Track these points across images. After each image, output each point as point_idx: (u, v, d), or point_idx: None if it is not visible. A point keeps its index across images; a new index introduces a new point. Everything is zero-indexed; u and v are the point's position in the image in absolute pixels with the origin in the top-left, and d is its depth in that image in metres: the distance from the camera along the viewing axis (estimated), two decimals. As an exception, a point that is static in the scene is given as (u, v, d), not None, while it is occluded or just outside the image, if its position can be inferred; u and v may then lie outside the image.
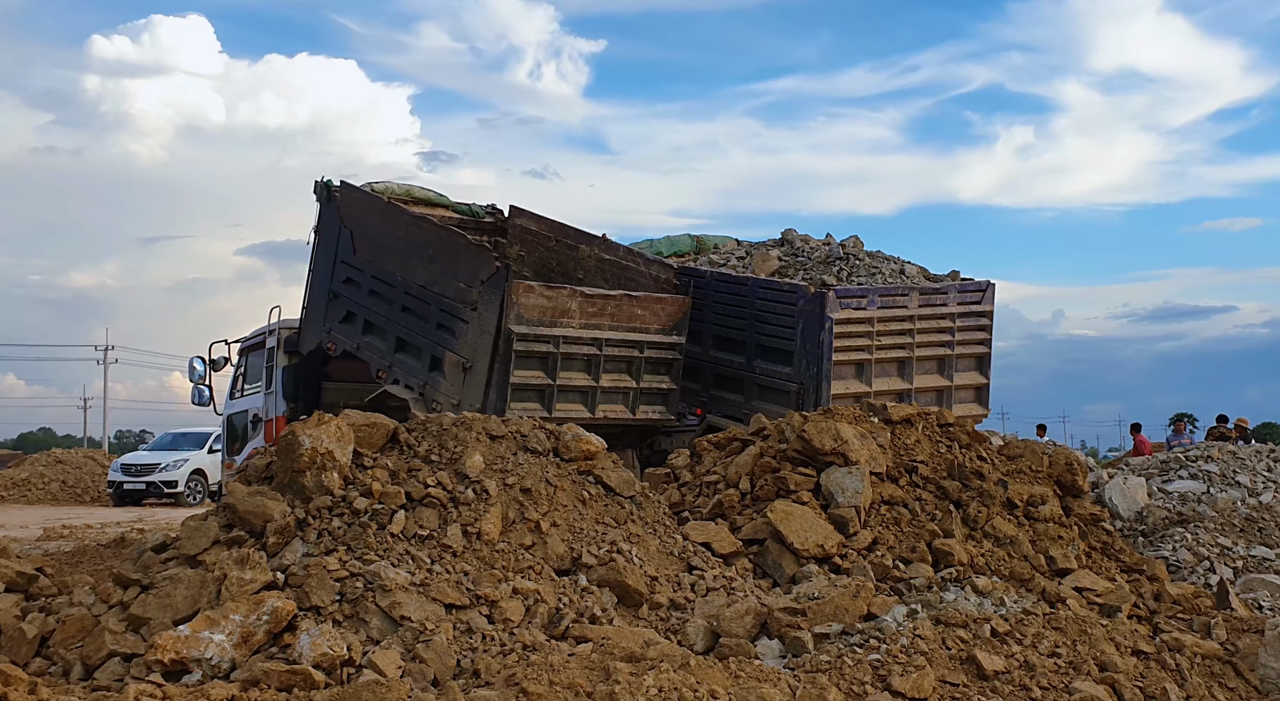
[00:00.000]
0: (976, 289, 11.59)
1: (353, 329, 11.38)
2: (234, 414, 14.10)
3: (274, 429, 12.15)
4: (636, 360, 10.48)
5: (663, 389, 10.77)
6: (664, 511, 6.98)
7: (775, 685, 4.79)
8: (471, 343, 9.98)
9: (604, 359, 10.26)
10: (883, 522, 7.03)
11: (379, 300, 11.12)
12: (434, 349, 10.37)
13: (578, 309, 10.05)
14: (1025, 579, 6.73)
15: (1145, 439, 21.00)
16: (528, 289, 9.81)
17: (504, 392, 9.66)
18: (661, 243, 13.49)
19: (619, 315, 10.30)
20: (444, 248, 10.49)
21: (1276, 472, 10.51)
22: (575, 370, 10.15)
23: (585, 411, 10.15)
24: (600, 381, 10.25)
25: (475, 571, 5.74)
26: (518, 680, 4.54)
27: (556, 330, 9.94)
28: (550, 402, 9.98)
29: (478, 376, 9.83)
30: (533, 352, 9.86)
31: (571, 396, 10.19)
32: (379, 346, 11.02)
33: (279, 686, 4.59)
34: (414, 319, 10.68)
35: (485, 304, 9.85)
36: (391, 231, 11.04)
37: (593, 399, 10.27)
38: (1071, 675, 5.23)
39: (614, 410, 10.41)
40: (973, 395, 11.57)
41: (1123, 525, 9.81)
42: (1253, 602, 7.87)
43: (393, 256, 10.95)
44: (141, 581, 5.59)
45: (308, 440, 6.05)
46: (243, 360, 14.01)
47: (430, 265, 10.52)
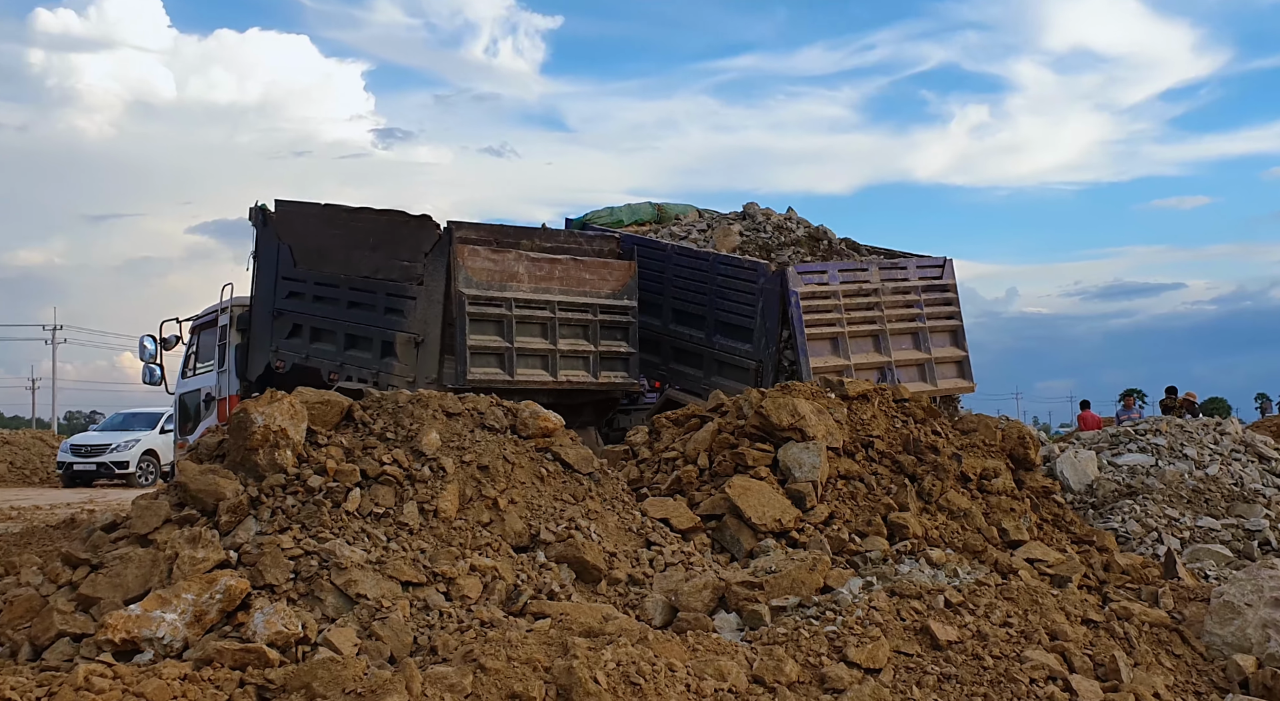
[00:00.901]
0: (935, 264, 11.69)
1: (300, 341, 11.36)
2: (186, 393, 13.97)
3: (228, 407, 12.08)
4: (591, 324, 10.57)
5: (622, 353, 10.88)
6: (622, 488, 6.98)
7: (733, 657, 4.82)
8: (421, 316, 10.00)
9: (559, 322, 10.31)
10: (839, 497, 7.09)
11: (324, 304, 11.13)
12: (383, 334, 10.38)
13: (526, 272, 10.15)
14: (978, 551, 6.82)
15: (1092, 415, 21.32)
16: (473, 252, 9.84)
17: (464, 357, 9.65)
18: (622, 210, 13.45)
19: (568, 279, 10.43)
20: (385, 231, 10.50)
21: (1223, 446, 10.73)
22: (532, 334, 10.19)
23: (547, 375, 10.20)
24: (559, 345, 10.27)
25: (432, 549, 5.71)
26: (475, 656, 4.53)
27: (508, 292, 10.00)
28: (511, 367, 10.01)
29: (430, 347, 9.87)
30: (486, 316, 9.89)
31: (531, 361, 10.21)
32: (328, 350, 11.01)
33: (233, 665, 4.55)
34: (361, 311, 10.69)
35: (431, 274, 9.89)
36: (331, 233, 11.06)
37: (553, 363, 10.31)
38: (1023, 644, 5.31)
39: (576, 375, 10.47)
40: (955, 369, 11.64)
41: (1073, 497, 9.97)
42: (1199, 572, 8.04)
43: (335, 257, 10.97)
44: (91, 561, 5.50)
45: (260, 418, 5.97)
46: (195, 339, 13.87)
47: (373, 253, 10.54)
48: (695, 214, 13.70)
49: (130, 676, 4.31)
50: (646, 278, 11.79)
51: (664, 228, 13.17)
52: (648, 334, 11.78)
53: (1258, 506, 9.61)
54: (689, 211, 13.81)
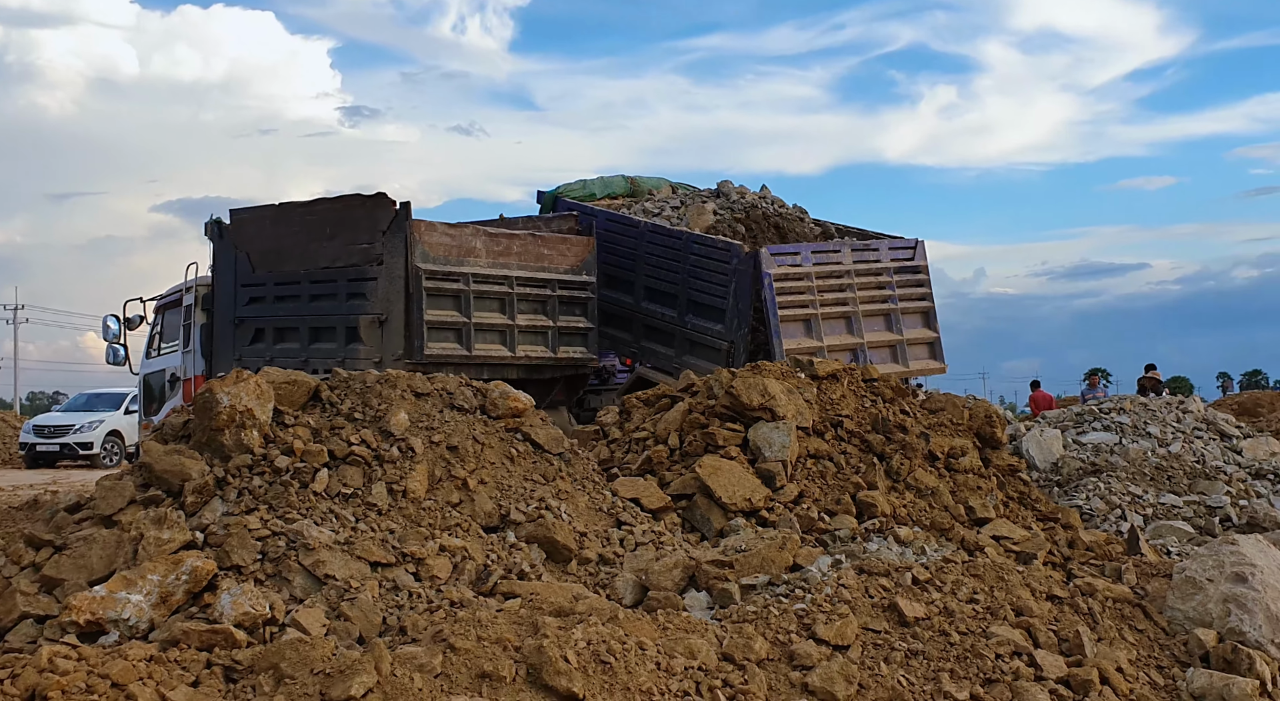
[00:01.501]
0: (907, 245, 11.74)
1: (263, 345, 11.33)
2: (151, 373, 13.85)
3: (193, 388, 12.04)
4: (550, 299, 10.71)
5: (581, 328, 11.01)
6: (593, 468, 6.98)
7: (703, 636, 4.84)
8: (383, 295, 10.05)
9: (517, 297, 10.43)
10: (809, 476, 7.12)
11: (286, 302, 11.13)
12: (347, 321, 10.45)
13: (483, 247, 10.29)
14: (945, 528, 6.89)
15: (1044, 394, 21.25)
16: (429, 227, 9.96)
17: (420, 332, 9.76)
18: (595, 183, 13.41)
19: (526, 254, 10.58)
20: (341, 217, 10.57)
21: (1185, 424, 10.88)
22: (490, 309, 10.33)
23: (505, 350, 10.35)
24: (517, 320, 10.42)
25: (401, 529, 5.69)
26: (445, 636, 4.52)
27: (465, 268, 10.12)
28: (469, 342, 10.14)
29: (395, 325, 9.92)
30: (444, 291, 10.03)
31: (490, 336, 10.35)
32: (292, 348, 11.02)
33: (200, 646, 4.51)
34: (324, 302, 10.72)
35: (390, 251, 9.97)
36: (288, 231, 11.10)
37: (511, 338, 10.46)
38: (989, 620, 5.37)
39: (534, 350, 10.60)
40: (926, 351, 11.72)
41: (1039, 475, 10.09)
42: (1161, 548, 8.17)
43: (293, 254, 10.99)
44: (54, 542, 5.43)
45: (226, 398, 5.91)
46: (159, 318, 13.74)
47: (331, 242, 10.59)
48: (669, 189, 13.65)
49: (95, 658, 4.27)
50: (619, 254, 11.80)
51: (637, 203, 13.12)
52: (619, 311, 11.83)
53: (1219, 483, 9.76)
54: (662, 185, 13.77)
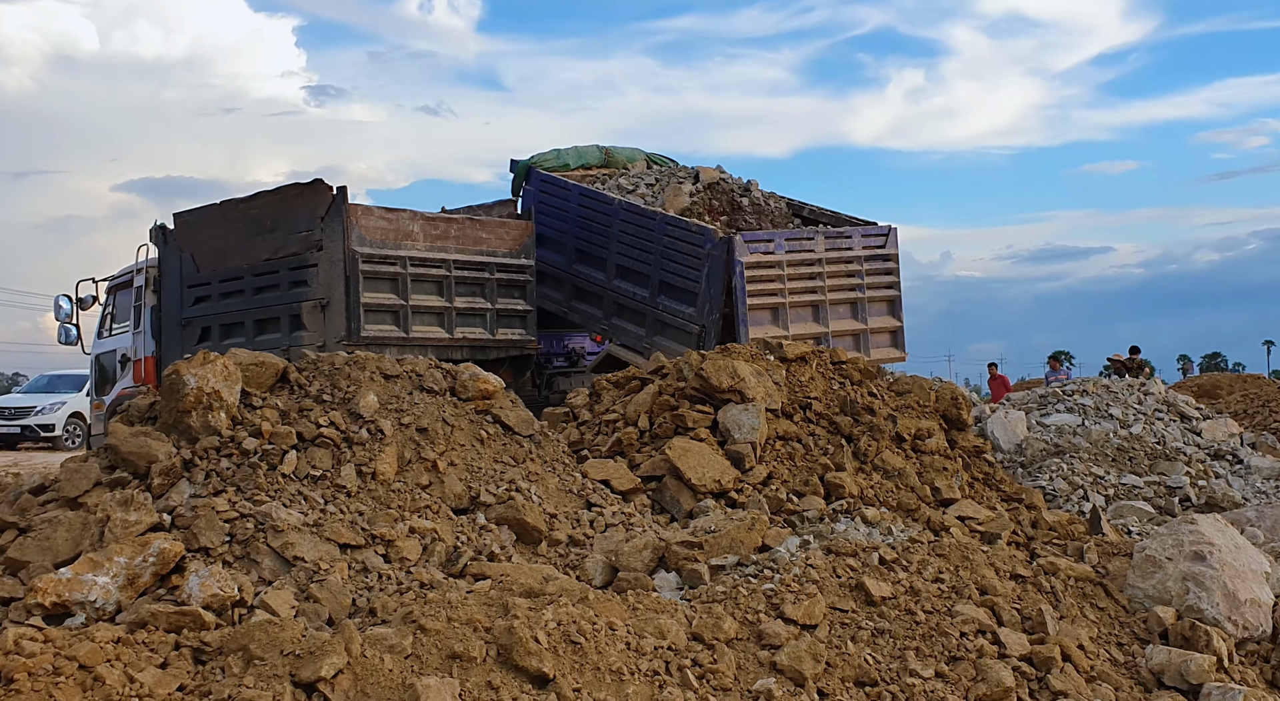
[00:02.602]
0: (879, 233, 11.78)
1: (210, 343, 11.42)
2: (103, 354, 13.84)
3: (143, 369, 12.17)
4: (488, 282, 10.96)
5: (519, 311, 11.27)
6: (563, 450, 6.99)
7: (672, 616, 4.88)
8: (324, 280, 10.23)
9: (455, 280, 10.66)
10: (777, 457, 7.17)
11: (231, 298, 11.27)
12: (291, 309, 10.60)
13: (421, 231, 10.49)
14: (911, 509, 6.96)
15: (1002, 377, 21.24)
16: (366, 211, 10.17)
17: (357, 314, 9.96)
18: (569, 153, 13.35)
19: (464, 238, 10.79)
20: (280, 208, 10.74)
21: (1146, 405, 11.04)
22: (427, 292, 10.52)
23: (443, 332, 10.54)
24: (454, 302, 10.63)
25: (370, 511, 5.67)
26: (415, 617, 4.53)
27: (402, 251, 10.30)
28: (406, 324, 10.33)
29: (336, 308, 10.14)
30: (380, 274, 10.21)
31: (427, 318, 10.56)
32: (238, 342, 11.02)
33: (167, 627, 4.49)
34: (268, 293, 10.89)
35: (329, 237, 10.16)
36: (229, 228, 11.24)
37: (449, 320, 10.66)
38: (954, 599, 5.44)
39: (473, 332, 10.80)
40: (889, 339, 11.81)
41: (1003, 457, 10.20)
42: (1122, 528, 8.30)
43: (236, 251, 11.13)
44: (19, 524, 5.37)
45: (193, 379, 5.86)
46: (111, 299, 13.75)
47: (272, 234, 10.75)
48: (644, 162, 13.58)
49: (62, 640, 4.24)
50: (592, 230, 11.81)
51: (611, 178, 13.04)
52: (591, 287, 11.87)
53: (1179, 464, 9.92)
54: (637, 156, 13.71)
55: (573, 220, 12.15)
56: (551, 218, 12.48)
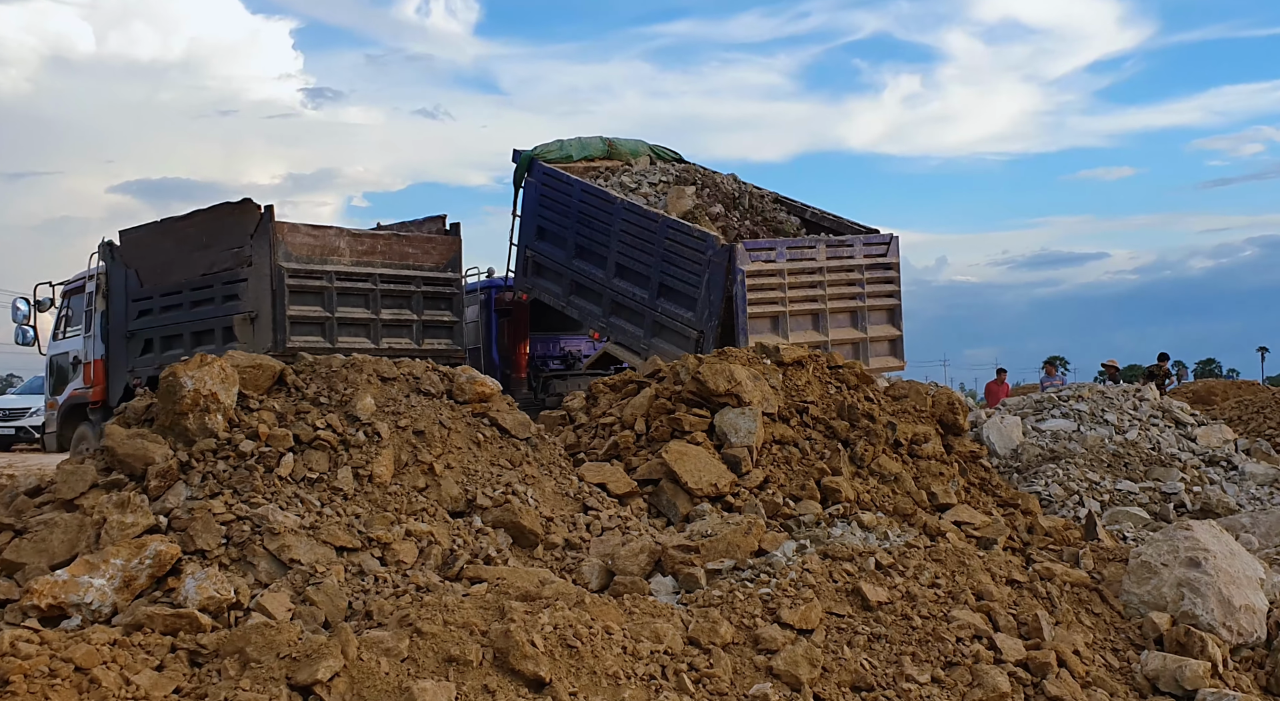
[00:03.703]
0: (881, 242, 11.74)
1: (152, 355, 12.08)
2: (57, 355, 14.39)
3: (91, 371, 12.76)
4: (414, 295, 11.46)
5: (445, 321, 11.77)
6: (559, 453, 6.99)
7: (669, 620, 4.88)
8: (254, 294, 10.76)
9: (381, 293, 11.19)
10: (774, 461, 7.17)
11: (171, 312, 11.87)
12: (224, 321, 11.15)
13: (347, 247, 11.08)
14: (908, 514, 6.97)
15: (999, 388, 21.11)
16: (292, 228, 10.75)
17: (283, 326, 10.55)
18: (572, 145, 13.33)
19: (391, 253, 11.34)
20: (214, 225, 11.29)
21: (1141, 412, 11.07)
22: (354, 305, 11.06)
23: (369, 343, 10.99)
24: (380, 314, 11.19)
25: (367, 514, 5.67)
26: (411, 620, 4.52)
27: (328, 266, 10.85)
28: (332, 335, 10.86)
29: (264, 320, 10.70)
30: (307, 288, 10.77)
31: (353, 329, 11.10)
32: (177, 353, 11.49)
33: (164, 630, 4.48)
34: (204, 307, 11.47)
35: (258, 253, 10.73)
36: (170, 245, 11.81)
37: (375, 331, 11.19)
38: (950, 604, 5.45)
39: (399, 342, 11.23)
40: (888, 348, 11.78)
41: (999, 462, 10.23)
42: (1118, 533, 8.32)
43: (177, 266, 11.71)
44: (14, 526, 5.36)
45: (190, 381, 5.85)
46: (65, 302, 14.24)
47: (207, 250, 11.31)
48: (647, 156, 13.50)
49: (58, 642, 4.23)
50: (593, 228, 11.82)
51: (615, 172, 12.99)
52: (590, 283, 11.90)
53: (1174, 470, 9.95)
54: (640, 148, 13.67)
55: (574, 215, 12.13)
56: (553, 211, 12.48)
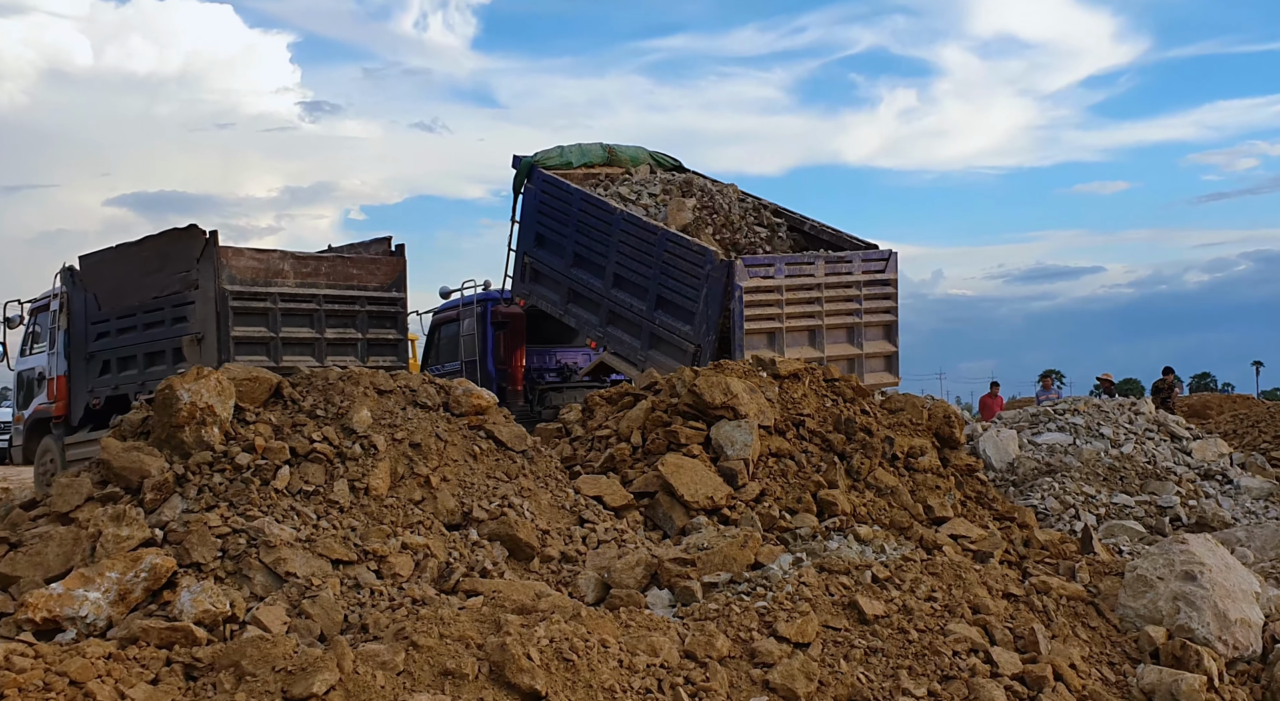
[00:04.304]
0: (880, 257, 11.71)
1: (110, 375, 12.47)
2: (24, 370, 14.78)
3: (54, 387, 13.15)
4: (359, 314, 11.85)
5: (390, 340, 12.17)
6: (556, 465, 6.99)
7: (665, 633, 4.88)
8: (200, 316, 11.21)
9: (325, 313, 11.62)
10: (770, 474, 7.17)
11: (126, 334, 12.28)
12: (173, 342, 11.54)
13: (291, 269, 11.50)
14: (904, 527, 6.97)
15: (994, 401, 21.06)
16: (237, 253, 11.22)
17: (228, 346, 10.96)
18: (572, 151, 13.30)
19: (335, 274, 11.80)
20: (164, 250, 11.71)
21: (1137, 425, 11.09)
22: (298, 324, 11.50)
23: (314, 361, 11.32)
24: (325, 334, 11.61)
25: (363, 526, 5.67)
26: (407, 633, 4.52)
27: (272, 288, 11.31)
28: (277, 354, 11.26)
29: (210, 341, 11.13)
30: (251, 309, 11.17)
31: (298, 348, 11.50)
32: (132, 374, 12.14)
33: (159, 643, 4.47)
34: (156, 329, 11.85)
35: (204, 276, 11.17)
36: (127, 269, 12.19)
37: (320, 350, 11.58)
38: (947, 617, 5.45)
39: (343, 360, 11.57)
40: (883, 364, 11.73)
41: (995, 475, 10.24)
42: (1114, 547, 8.32)
43: (131, 290, 12.09)
44: (10, 539, 5.36)
45: (186, 394, 5.85)
46: (33, 320, 14.60)
47: (159, 274, 11.72)
48: (647, 164, 13.46)
49: (53, 655, 4.22)
50: (591, 237, 11.83)
51: (615, 180, 12.95)
52: (588, 292, 11.91)
53: (1169, 484, 9.96)
54: (640, 155, 13.64)
55: (573, 224, 12.13)
56: (551, 218, 12.48)
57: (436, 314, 15.00)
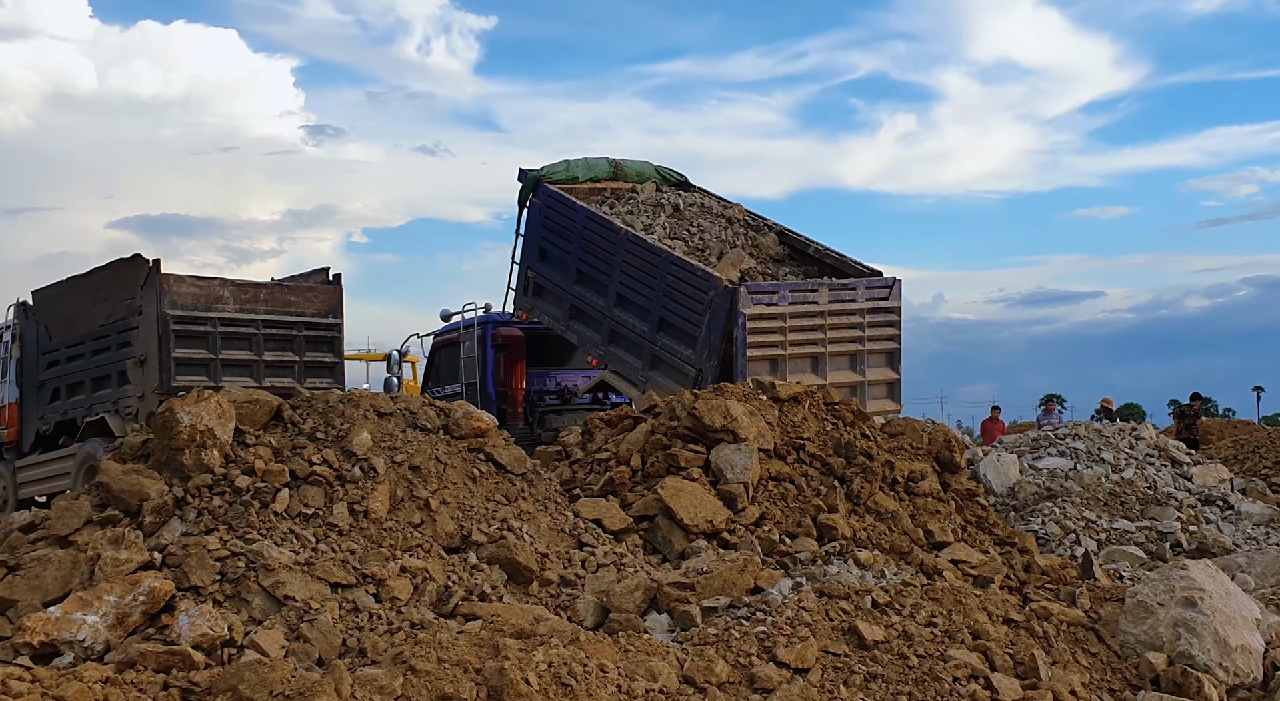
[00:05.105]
0: (883, 285, 11.68)
1: (59, 402, 13.03)
2: None
3: (6, 413, 13.69)
4: (296, 338, 12.33)
5: (327, 363, 12.66)
6: (555, 489, 6.98)
7: (664, 658, 4.86)
8: (144, 340, 11.70)
9: (264, 337, 12.12)
10: (770, 498, 7.16)
11: (76, 361, 12.81)
12: (118, 366, 11.99)
13: (231, 296, 12.05)
14: (905, 552, 6.95)
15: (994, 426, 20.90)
16: (178, 279, 11.75)
17: (169, 367, 11.46)
18: (578, 166, 13.29)
19: (274, 301, 12.36)
20: (110, 280, 12.23)
21: (1138, 450, 11.07)
22: (238, 348, 12.00)
23: (252, 382, 11.71)
24: (263, 356, 12.08)
25: (362, 550, 5.66)
26: (405, 658, 4.50)
27: (213, 313, 11.84)
28: (216, 375, 11.73)
29: (152, 363, 11.64)
30: (191, 333, 11.68)
31: (237, 370, 11.93)
32: (80, 399, 12.64)
33: (156, 667, 4.46)
34: (103, 354, 12.37)
35: (147, 302, 11.67)
36: (75, 300, 12.76)
37: (258, 372, 12.02)
38: (947, 643, 5.43)
39: (280, 381, 11.98)
40: (885, 391, 11.67)
41: (996, 500, 10.21)
42: (1114, 573, 8.29)
43: (80, 320, 12.66)
44: (8, 562, 5.35)
45: (186, 417, 5.86)
46: None
47: (105, 302, 12.26)
48: (653, 185, 13.40)
49: (49, 679, 4.21)
50: (596, 255, 11.85)
51: (622, 203, 12.93)
52: (590, 310, 11.90)
53: (1170, 509, 9.93)
54: (646, 169, 13.62)
55: (577, 241, 12.14)
56: (556, 234, 12.49)
57: (437, 336, 14.99)
